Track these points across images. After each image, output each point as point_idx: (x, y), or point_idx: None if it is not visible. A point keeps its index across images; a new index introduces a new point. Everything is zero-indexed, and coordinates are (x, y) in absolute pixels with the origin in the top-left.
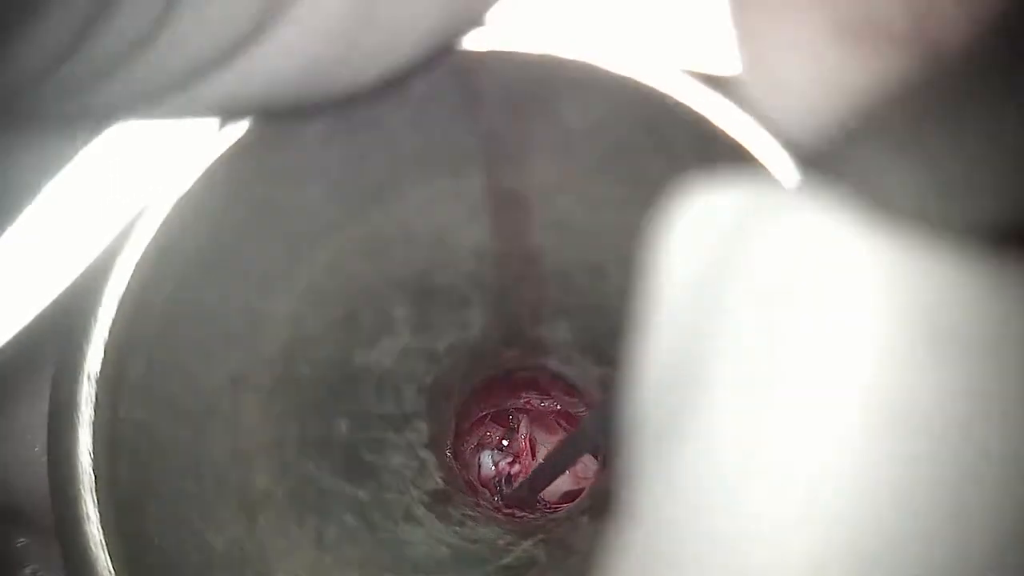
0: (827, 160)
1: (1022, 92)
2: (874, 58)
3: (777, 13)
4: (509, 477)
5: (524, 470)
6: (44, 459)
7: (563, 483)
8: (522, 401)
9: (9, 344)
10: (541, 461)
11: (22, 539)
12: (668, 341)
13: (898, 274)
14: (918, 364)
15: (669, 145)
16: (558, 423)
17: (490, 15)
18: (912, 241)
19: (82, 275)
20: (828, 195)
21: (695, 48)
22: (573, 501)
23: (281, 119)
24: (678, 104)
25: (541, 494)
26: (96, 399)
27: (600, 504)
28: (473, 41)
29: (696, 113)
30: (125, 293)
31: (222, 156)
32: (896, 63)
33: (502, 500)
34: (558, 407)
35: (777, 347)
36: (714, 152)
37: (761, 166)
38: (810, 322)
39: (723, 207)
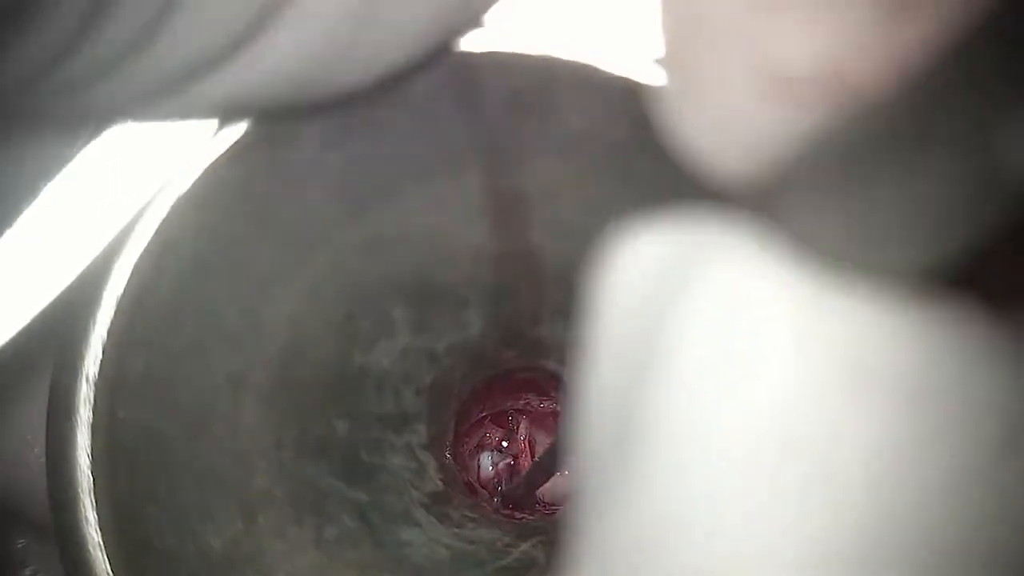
0: (753, 204)
1: (940, 142)
2: (793, 108)
3: (698, 70)
4: (510, 477)
5: (523, 471)
6: (43, 460)
7: (562, 484)
8: (521, 402)
9: (8, 345)
10: (536, 460)
11: (22, 540)
12: (607, 382)
13: (820, 317)
14: (837, 405)
15: (667, 145)
16: (558, 424)
17: (489, 16)
18: (836, 284)
19: (81, 276)
20: (758, 236)
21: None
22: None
23: (280, 120)
24: None
25: (539, 494)
26: (95, 400)
27: None
28: (472, 42)
29: None
30: (124, 294)
31: (221, 157)
32: (814, 113)
33: (500, 500)
34: (557, 408)
35: (706, 383)
36: None
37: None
38: (733, 365)
39: (657, 248)
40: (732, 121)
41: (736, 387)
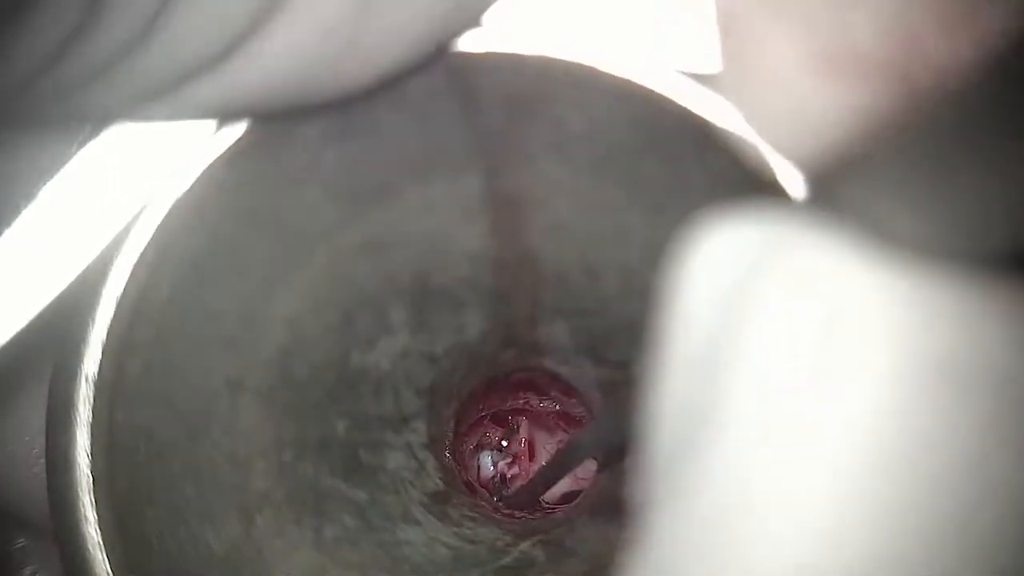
0: (822, 193)
1: (1014, 126)
2: (855, 91)
3: (757, 41)
4: (508, 478)
5: (523, 471)
6: (43, 460)
7: (563, 484)
8: (521, 402)
9: (7, 346)
10: (544, 464)
11: (21, 540)
12: (683, 377)
13: (906, 309)
14: (929, 400)
15: (666, 147)
16: (557, 424)
17: (487, 16)
18: (919, 273)
19: (80, 277)
20: (834, 227)
21: (692, 49)
22: (572, 502)
23: (278, 121)
24: (675, 106)
25: (542, 497)
26: (94, 401)
27: (598, 506)
28: (470, 42)
29: (693, 115)
30: (123, 295)
31: (219, 158)
32: (878, 96)
33: (501, 502)
34: (557, 408)
35: (787, 385)
36: (712, 154)
37: (759, 169)
38: (820, 361)
39: (735, 243)
40: (792, 98)
41: (820, 385)
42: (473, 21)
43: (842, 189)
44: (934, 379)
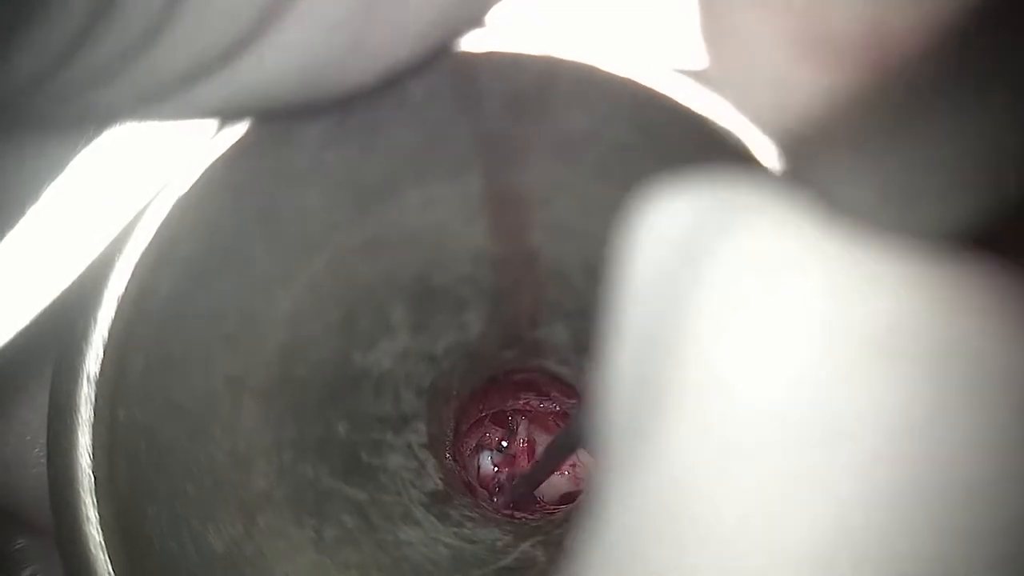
0: (790, 166)
1: (970, 104)
2: (826, 69)
3: (737, 28)
4: (508, 477)
5: (523, 471)
6: (44, 460)
7: (562, 484)
8: (521, 402)
9: (9, 345)
10: (535, 461)
11: (21, 540)
12: (632, 347)
13: (850, 280)
14: (862, 370)
15: (667, 147)
16: (557, 424)
17: (490, 16)
18: (867, 245)
19: (81, 276)
20: (787, 197)
21: (692, 49)
22: (572, 502)
23: (280, 121)
24: (677, 106)
25: (538, 494)
26: (95, 400)
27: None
28: (472, 42)
29: (695, 114)
30: (124, 294)
31: (221, 158)
32: (847, 74)
33: (498, 502)
34: (557, 408)
35: (728, 354)
36: (713, 153)
37: (758, 165)
38: (760, 329)
39: (684, 211)
40: (769, 80)
41: (760, 353)
42: (476, 21)
43: (808, 163)
44: (867, 350)
